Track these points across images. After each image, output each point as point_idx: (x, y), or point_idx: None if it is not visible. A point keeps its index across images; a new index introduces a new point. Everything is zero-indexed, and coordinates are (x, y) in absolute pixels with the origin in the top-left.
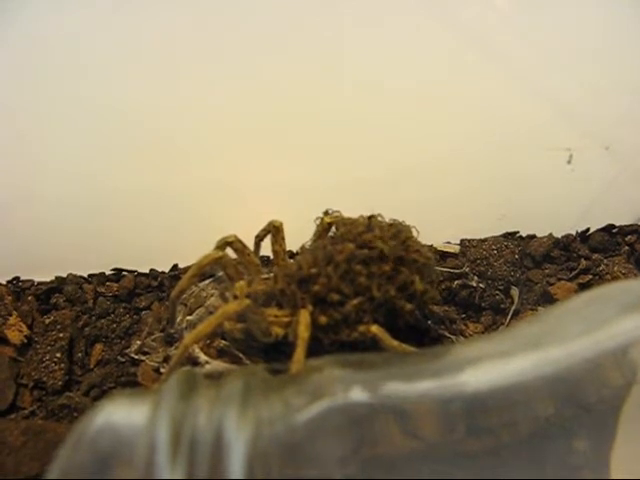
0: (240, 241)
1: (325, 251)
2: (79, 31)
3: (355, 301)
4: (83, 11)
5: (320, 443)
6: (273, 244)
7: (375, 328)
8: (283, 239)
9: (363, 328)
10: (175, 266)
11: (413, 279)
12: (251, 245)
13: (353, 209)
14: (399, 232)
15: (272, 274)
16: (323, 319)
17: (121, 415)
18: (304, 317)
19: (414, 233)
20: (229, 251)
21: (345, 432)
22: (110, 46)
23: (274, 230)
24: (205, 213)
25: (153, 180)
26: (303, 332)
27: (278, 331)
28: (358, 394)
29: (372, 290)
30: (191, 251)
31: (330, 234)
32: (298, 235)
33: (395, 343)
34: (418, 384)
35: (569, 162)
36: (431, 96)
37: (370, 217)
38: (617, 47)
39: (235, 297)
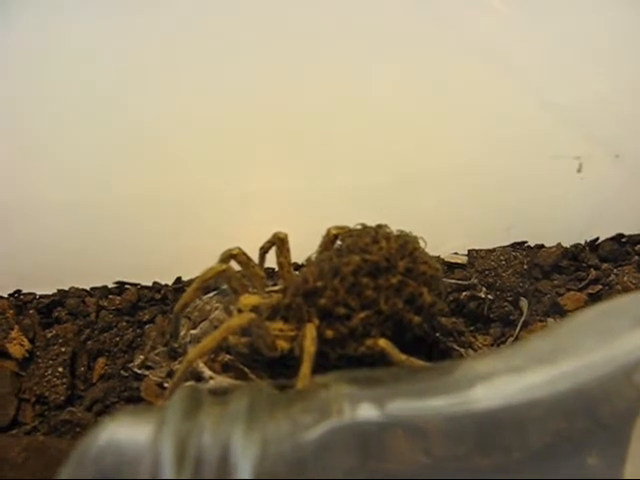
0: (244, 253)
1: (331, 263)
2: (79, 32)
3: (362, 314)
4: (83, 11)
5: (328, 462)
6: (278, 256)
7: (383, 342)
8: (288, 251)
9: (370, 342)
10: (179, 279)
11: (421, 291)
12: (256, 257)
13: (359, 220)
14: (406, 243)
15: (279, 287)
16: (329, 333)
17: (125, 433)
18: (310, 331)
19: (421, 244)
20: (233, 264)
21: (353, 451)
22: (112, 50)
23: (279, 242)
24: (209, 225)
25: (157, 192)
26: (309, 346)
27: (284, 345)
28: (366, 412)
29: (379, 303)
30: (195, 264)
31: (336, 246)
32: (305, 246)
33: (403, 357)
34: (428, 401)
35: (579, 171)
36: (438, 105)
37: (377, 228)
38: (628, 55)
39: (239, 311)
